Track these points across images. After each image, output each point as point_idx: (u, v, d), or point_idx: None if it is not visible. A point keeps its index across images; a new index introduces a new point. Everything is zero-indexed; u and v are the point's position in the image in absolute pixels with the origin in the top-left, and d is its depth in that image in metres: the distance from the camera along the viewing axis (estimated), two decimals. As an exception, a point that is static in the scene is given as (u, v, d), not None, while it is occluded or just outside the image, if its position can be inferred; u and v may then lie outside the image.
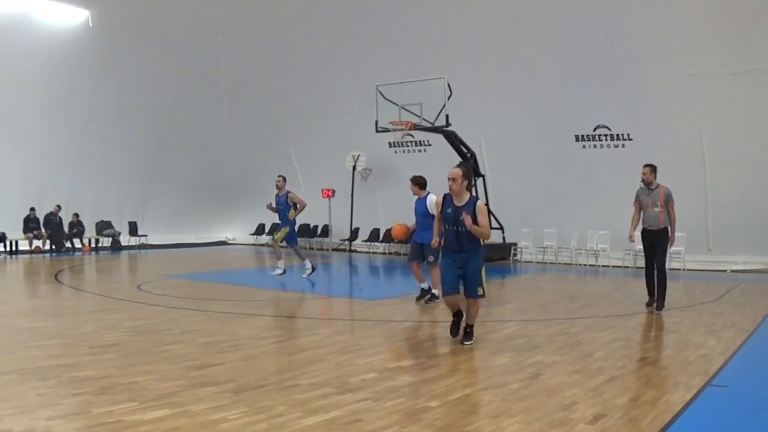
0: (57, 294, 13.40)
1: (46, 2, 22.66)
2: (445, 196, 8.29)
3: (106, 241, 25.55)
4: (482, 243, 8.21)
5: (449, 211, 8.12)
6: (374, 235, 24.83)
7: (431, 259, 11.25)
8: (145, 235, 26.13)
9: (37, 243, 23.26)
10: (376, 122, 20.14)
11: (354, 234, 25.27)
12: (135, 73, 24.33)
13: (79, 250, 24.31)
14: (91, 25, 23.47)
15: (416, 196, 11.70)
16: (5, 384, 6.14)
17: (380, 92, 20.19)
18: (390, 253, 24.28)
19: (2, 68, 21.66)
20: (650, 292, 11.33)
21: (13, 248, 23.05)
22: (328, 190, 24.27)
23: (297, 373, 6.75)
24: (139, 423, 5.09)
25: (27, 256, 22.30)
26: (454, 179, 8.06)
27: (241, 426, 5.09)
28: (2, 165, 22.56)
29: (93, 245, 25.04)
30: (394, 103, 19.88)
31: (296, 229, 16.34)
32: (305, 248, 24.10)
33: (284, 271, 15.82)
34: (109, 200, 25.78)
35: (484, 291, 8.11)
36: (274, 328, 9.43)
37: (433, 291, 11.62)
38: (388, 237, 23.34)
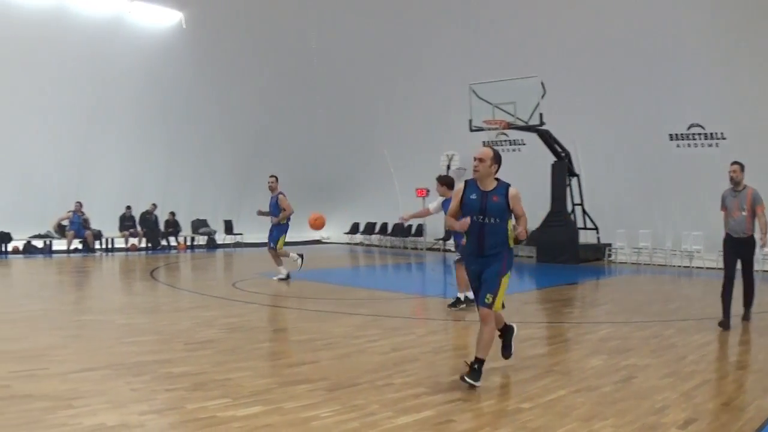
0: (152, 291, 13.64)
1: (141, 4, 23.29)
2: (467, 182, 6.66)
3: (201, 239, 26.00)
4: (511, 245, 6.53)
5: (474, 197, 6.48)
6: (468, 235, 24.46)
7: (456, 257, 10.74)
8: (240, 234, 26.47)
9: (133, 241, 23.84)
10: (470, 121, 19.95)
11: (448, 234, 25.05)
12: (228, 74, 24.80)
13: (175, 248, 24.81)
14: (184, 26, 24.00)
15: (442, 197, 10.92)
16: (100, 379, 6.22)
17: (474, 91, 20.04)
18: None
19: (98, 70, 22.35)
20: (725, 312, 9.52)
21: (110, 246, 23.70)
22: (423, 190, 24.09)
23: (390, 373, 6.66)
24: (232, 419, 5.08)
25: (123, 253, 22.89)
26: (481, 159, 6.44)
27: (333, 424, 5.03)
28: (100, 164, 23.30)
29: (189, 243, 25.54)
30: (487, 102, 19.69)
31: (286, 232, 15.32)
32: (401, 248, 24.00)
33: (288, 276, 14.99)
34: (205, 199, 26.27)
35: (494, 300, 6.33)
36: (368, 327, 9.34)
37: (458, 294, 11.01)
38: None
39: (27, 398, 5.50)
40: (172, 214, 24.85)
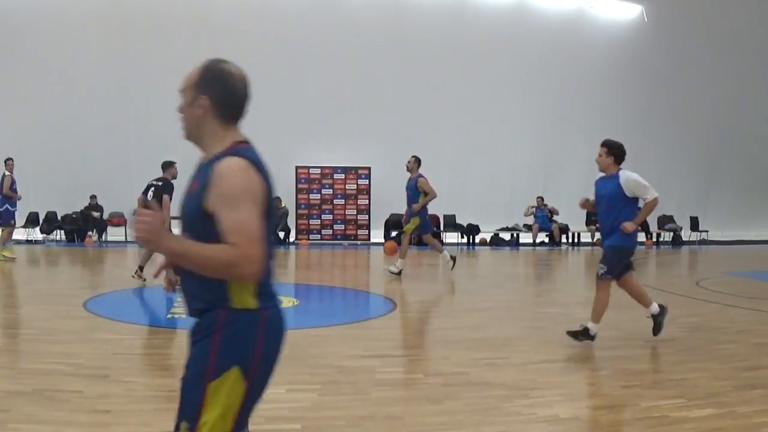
0: (616, 286, 13.70)
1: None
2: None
3: (666, 236, 25.44)
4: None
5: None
6: None
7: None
8: (706, 231, 25.39)
9: (598, 236, 23.97)
10: None
11: None
12: (688, 67, 23.93)
13: (641, 243, 24.53)
14: (645, 20, 23.71)
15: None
16: (557, 371, 6.50)
17: None
18: None
19: (559, 65, 23.15)
20: None
21: (575, 240, 24.26)
22: None
23: None
24: (684, 420, 5.02)
25: (588, 248, 23.27)
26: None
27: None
28: (563, 158, 24.09)
29: (654, 240, 25.12)
30: None
31: (428, 218, 14.15)
32: None
33: (454, 263, 13.91)
34: (671, 195, 25.65)
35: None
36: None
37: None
38: None
39: (485, 385, 5.93)
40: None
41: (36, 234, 22.36)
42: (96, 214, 22.11)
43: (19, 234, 21.24)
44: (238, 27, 21.76)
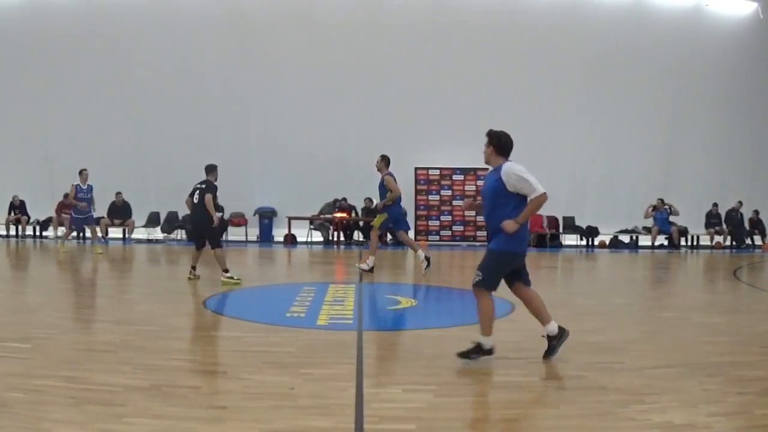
0: (734, 291, 13.34)
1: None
2: None
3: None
4: None
5: None
6: None
7: None
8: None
9: (717, 239, 23.40)
10: None
11: None
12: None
13: (759, 247, 23.62)
14: (761, 17, 22.83)
15: None
16: (674, 376, 6.41)
17: None
18: None
19: (678, 64, 22.58)
20: None
21: (694, 243, 23.53)
22: None
23: None
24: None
25: (707, 251, 22.58)
26: None
27: None
28: (684, 161, 23.52)
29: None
30: None
31: (402, 216, 14.55)
32: None
33: (428, 264, 13.63)
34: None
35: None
36: None
37: None
38: None
39: (600, 390, 5.90)
40: (756, 212, 23.80)
41: (157, 233, 23.25)
42: (217, 214, 22.65)
43: (140, 233, 22.43)
44: (354, 29, 22.15)
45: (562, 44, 22.38)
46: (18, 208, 22.90)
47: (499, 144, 6.92)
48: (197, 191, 12.74)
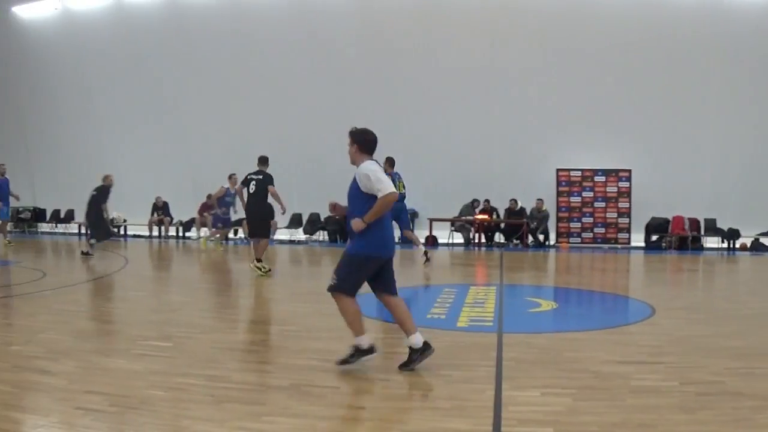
0: None
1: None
2: None
3: None
4: None
5: None
6: None
7: None
8: None
9: None
10: None
11: None
12: None
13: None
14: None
15: None
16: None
17: None
18: None
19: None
20: None
21: None
22: None
23: None
24: None
25: None
26: None
27: None
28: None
29: None
30: None
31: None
32: None
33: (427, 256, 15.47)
34: None
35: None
36: None
37: None
38: None
39: (738, 396, 5.76)
40: None
41: (299, 234, 23.81)
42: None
43: (282, 234, 23.11)
44: (495, 31, 22.07)
45: (706, 41, 21.47)
46: (161, 209, 23.85)
47: (361, 140, 6.70)
48: (252, 182, 13.05)
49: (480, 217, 22.25)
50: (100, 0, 25.41)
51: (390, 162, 14.37)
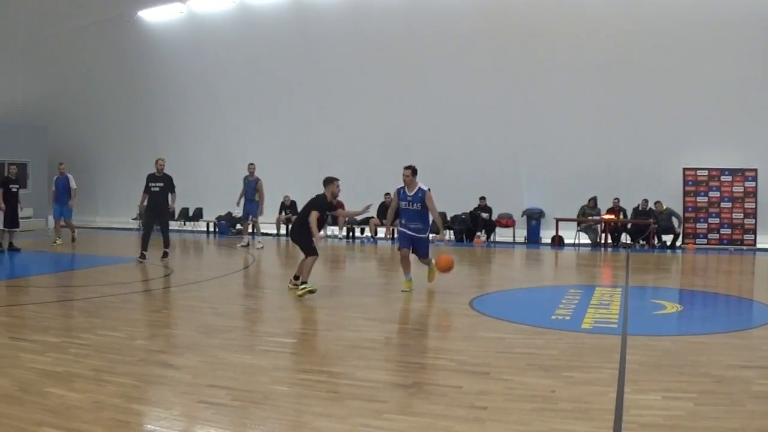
0: None
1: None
2: None
3: None
4: None
5: None
6: None
7: None
8: None
9: None
10: None
11: None
12: None
13: None
14: None
15: None
16: None
17: None
18: None
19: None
20: None
21: None
22: None
23: None
24: None
25: None
26: None
27: None
28: None
29: None
30: None
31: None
32: None
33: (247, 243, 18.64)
34: None
35: None
36: None
37: None
38: None
39: None
40: None
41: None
42: (485, 215, 22.31)
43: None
44: (620, 31, 21.31)
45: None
46: (289, 207, 23.78)
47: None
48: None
49: (607, 217, 21.70)
50: (224, 2, 25.56)
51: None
